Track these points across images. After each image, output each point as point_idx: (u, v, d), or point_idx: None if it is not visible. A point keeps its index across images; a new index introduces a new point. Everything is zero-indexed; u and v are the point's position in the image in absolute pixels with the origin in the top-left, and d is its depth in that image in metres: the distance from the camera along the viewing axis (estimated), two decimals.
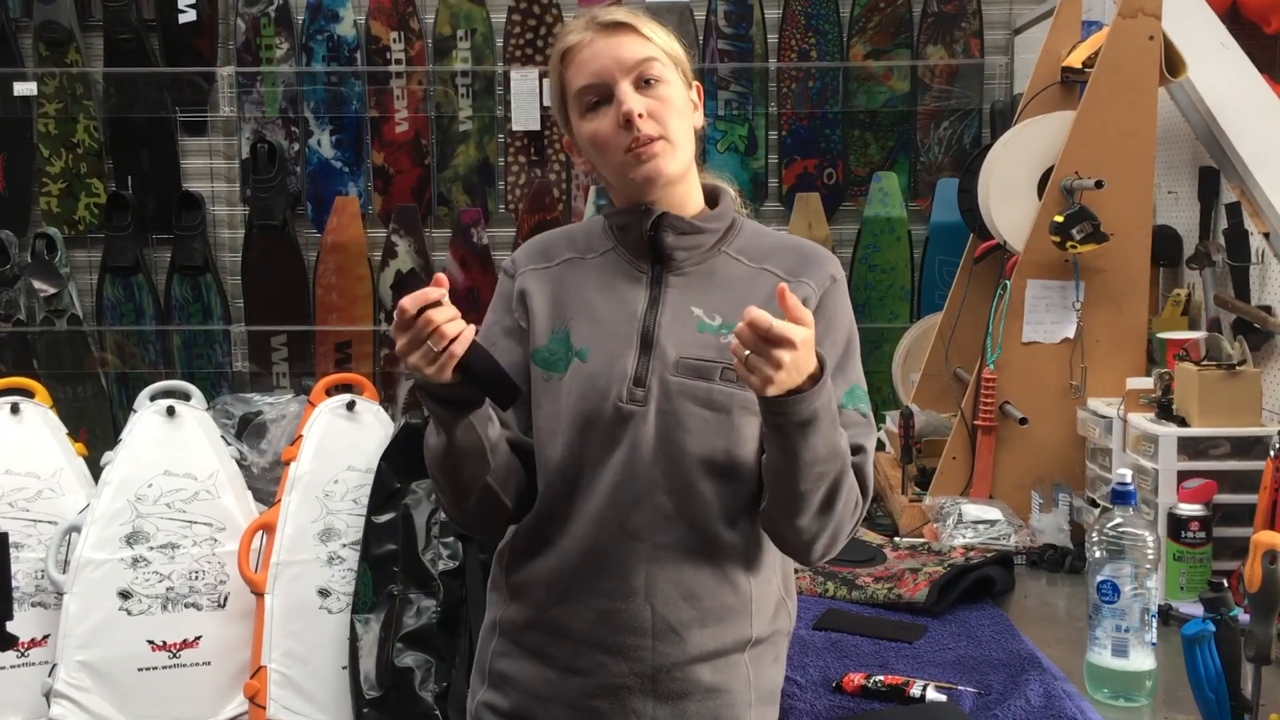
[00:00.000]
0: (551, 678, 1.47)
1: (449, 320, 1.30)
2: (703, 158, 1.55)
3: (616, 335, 1.46)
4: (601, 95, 1.45)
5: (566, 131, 1.54)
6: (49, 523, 2.96)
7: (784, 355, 1.24)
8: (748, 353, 1.25)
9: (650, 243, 1.48)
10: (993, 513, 2.38)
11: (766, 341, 1.23)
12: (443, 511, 1.54)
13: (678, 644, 1.44)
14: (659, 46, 1.47)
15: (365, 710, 2.81)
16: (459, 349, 1.30)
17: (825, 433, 1.32)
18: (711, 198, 1.55)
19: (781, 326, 1.23)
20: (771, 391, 1.27)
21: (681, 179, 1.49)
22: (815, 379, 1.29)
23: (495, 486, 1.46)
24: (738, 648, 1.47)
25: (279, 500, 2.95)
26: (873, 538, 2.40)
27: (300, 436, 3.03)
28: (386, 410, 3.22)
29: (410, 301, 1.29)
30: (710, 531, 1.44)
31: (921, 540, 2.38)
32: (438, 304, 1.29)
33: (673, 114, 1.46)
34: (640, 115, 1.43)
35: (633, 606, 1.43)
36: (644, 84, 1.45)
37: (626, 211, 1.50)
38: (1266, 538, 1.46)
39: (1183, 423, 2.11)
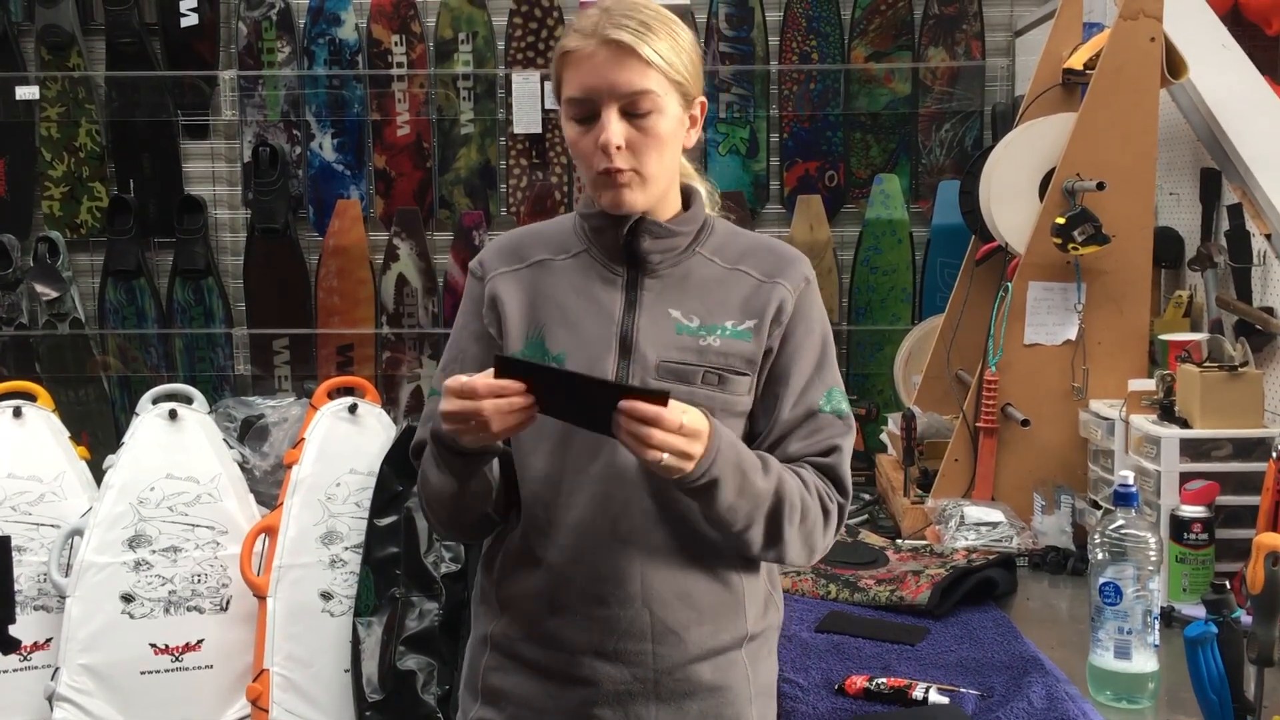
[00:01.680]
0: (550, 690, 1.46)
1: (494, 410, 1.29)
2: (703, 161, 1.53)
3: (594, 340, 1.44)
4: (588, 111, 1.42)
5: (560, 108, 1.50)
6: (51, 526, 2.97)
7: (672, 456, 1.27)
8: (665, 459, 1.26)
9: (626, 247, 1.47)
10: (995, 515, 2.38)
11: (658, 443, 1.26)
12: (437, 532, 1.54)
13: (677, 645, 1.44)
14: (660, 72, 1.41)
15: (368, 713, 2.81)
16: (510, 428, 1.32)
17: (734, 485, 1.35)
18: (685, 198, 1.53)
19: (663, 439, 1.25)
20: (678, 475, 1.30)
21: (655, 201, 1.47)
22: (708, 446, 1.31)
23: (492, 512, 1.48)
24: (735, 644, 1.47)
25: (281, 503, 2.96)
26: (875, 540, 2.40)
27: (302, 440, 3.03)
28: (388, 413, 3.22)
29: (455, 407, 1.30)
30: (698, 531, 1.44)
31: (923, 542, 2.38)
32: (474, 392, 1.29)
33: (653, 148, 1.42)
34: (619, 148, 1.40)
35: (630, 612, 1.43)
36: (632, 112, 1.41)
37: (602, 215, 1.48)
38: (1269, 539, 1.46)
39: (1185, 424, 2.11)
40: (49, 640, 2.94)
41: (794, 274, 1.50)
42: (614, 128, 1.40)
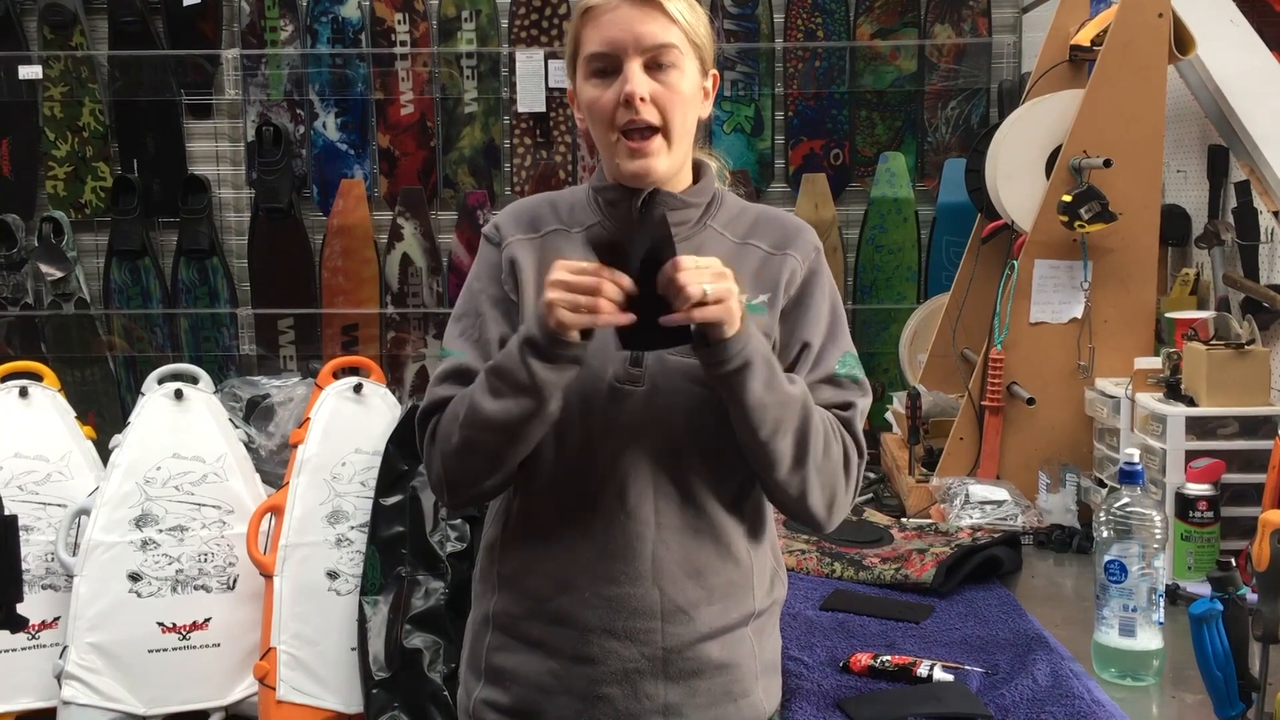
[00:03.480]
0: (556, 669, 1.45)
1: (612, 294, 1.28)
2: (708, 139, 1.52)
3: None
4: (610, 66, 1.41)
5: (572, 84, 1.49)
6: (58, 505, 2.97)
7: (733, 286, 1.28)
8: (709, 290, 1.26)
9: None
10: (1000, 493, 2.38)
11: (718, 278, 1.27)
12: (446, 488, 1.44)
13: (687, 624, 1.43)
14: (682, 30, 1.42)
15: (374, 691, 2.82)
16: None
17: (763, 376, 1.33)
18: (695, 171, 1.53)
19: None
20: (735, 329, 1.29)
21: (675, 170, 1.46)
22: (741, 328, 1.32)
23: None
24: (742, 622, 1.47)
25: (287, 483, 2.96)
26: (880, 518, 2.40)
27: (308, 419, 3.03)
28: (393, 393, 3.22)
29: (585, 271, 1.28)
30: (712, 508, 1.44)
31: (929, 521, 2.38)
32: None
33: (677, 104, 1.42)
34: (643, 99, 1.39)
35: (640, 590, 1.42)
36: (655, 66, 1.41)
37: (616, 188, 1.47)
38: (1275, 517, 1.46)
39: (1191, 402, 2.11)
40: (57, 619, 2.96)
41: (803, 244, 1.50)
42: (638, 78, 1.40)
